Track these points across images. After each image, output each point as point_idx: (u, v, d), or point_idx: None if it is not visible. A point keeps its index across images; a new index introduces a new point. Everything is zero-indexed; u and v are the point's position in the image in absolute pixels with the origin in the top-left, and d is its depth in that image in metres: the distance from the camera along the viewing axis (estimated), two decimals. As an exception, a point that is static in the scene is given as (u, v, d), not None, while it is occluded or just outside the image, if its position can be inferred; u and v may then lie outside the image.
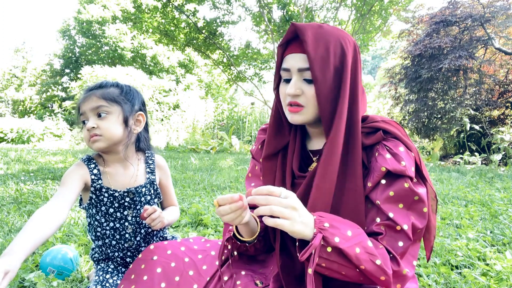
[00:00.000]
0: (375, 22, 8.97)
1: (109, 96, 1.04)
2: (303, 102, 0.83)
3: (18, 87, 16.06)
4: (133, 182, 1.11)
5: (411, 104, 5.60)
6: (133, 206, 1.10)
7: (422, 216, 0.77)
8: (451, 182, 3.18)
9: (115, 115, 1.04)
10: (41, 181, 3.07)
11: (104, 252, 1.15)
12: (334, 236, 0.69)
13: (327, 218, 0.73)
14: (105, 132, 1.02)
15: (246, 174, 3.39)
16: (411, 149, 0.81)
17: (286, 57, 0.85)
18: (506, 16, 5.00)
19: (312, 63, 0.79)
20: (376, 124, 0.84)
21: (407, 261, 0.77)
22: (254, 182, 1.03)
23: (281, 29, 8.53)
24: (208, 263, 0.94)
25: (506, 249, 1.60)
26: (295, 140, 0.93)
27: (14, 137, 8.59)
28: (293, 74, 0.84)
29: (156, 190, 1.17)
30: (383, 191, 0.78)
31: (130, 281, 0.90)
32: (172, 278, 0.88)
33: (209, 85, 15.59)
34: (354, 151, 0.82)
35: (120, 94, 1.07)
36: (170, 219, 1.17)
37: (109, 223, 1.10)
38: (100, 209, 1.09)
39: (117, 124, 1.04)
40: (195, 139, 7.25)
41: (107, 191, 1.07)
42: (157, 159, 1.20)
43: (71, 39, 16.47)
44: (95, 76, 9.04)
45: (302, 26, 0.81)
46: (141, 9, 8.86)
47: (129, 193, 1.09)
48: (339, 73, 0.82)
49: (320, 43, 0.80)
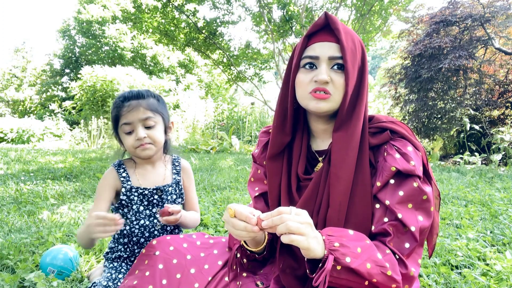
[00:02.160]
0: (375, 22, 8.97)
1: (154, 108, 1.13)
2: (331, 90, 0.82)
3: (18, 87, 16.06)
4: (161, 180, 1.20)
5: (411, 104, 5.59)
6: (161, 204, 1.18)
7: (429, 215, 0.78)
8: (451, 182, 3.18)
9: (160, 124, 1.14)
10: (41, 181, 3.07)
11: (130, 249, 1.18)
12: (345, 257, 0.69)
13: (336, 236, 0.72)
14: (154, 141, 1.13)
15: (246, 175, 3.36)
16: (418, 149, 0.82)
17: (313, 45, 0.85)
18: (506, 16, 5.00)
19: (345, 52, 0.80)
20: (383, 124, 0.85)
21: (413, 259, 0.78)
22: (258, 187, 1.02)
23: (281, 29, 8.53)
24: (210, 262, 0.93)
25: (506, 249, 1.60)
26: (301, 141, 0.93)
27: (14, 137, 8.59)
28: (322, 62, 0.83)
29: (180, 190, 1.23)
30: (393, 191, 0.78)
31: (134, 276, 0.91)
32: (173, 275, 0.88)
33: (209, 85, 15.58)
34: (362, 150, 0.82)
35: (159, 105, 1.15)
36: (187, 221, 1.20)
37: (139, 221, 1.17)
38: (131, 208, 1.16)
39: (162, 133, 1.15)
40: (195, 139, 7.25)
41: (136, 190, 1.16)
42: (183, 162, 1.28)
43: (71, 39, 16.47)
44: (95, 76, 9.04)
45: (334, 16, 0.83)
46: (141, 9, 8.86)
47: (157, 191, 1.17)
48: (362, 68, 0.84)
49: (349, 36, 0.82)
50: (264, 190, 1.01)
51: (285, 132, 0.92)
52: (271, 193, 0.94)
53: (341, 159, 0.81)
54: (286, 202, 0.91)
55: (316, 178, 0.86)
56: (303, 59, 0.85)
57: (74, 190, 2.78)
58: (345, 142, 0.81)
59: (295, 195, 0.90)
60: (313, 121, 0.91)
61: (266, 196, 1.01)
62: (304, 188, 0.89)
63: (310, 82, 0.83)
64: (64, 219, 2.05)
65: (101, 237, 0.90)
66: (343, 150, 0.81)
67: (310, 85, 0.83)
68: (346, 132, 0.82)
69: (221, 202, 2.45)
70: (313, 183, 0.86)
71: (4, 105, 15.53)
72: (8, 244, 1.55)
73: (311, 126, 0.93)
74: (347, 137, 0.81)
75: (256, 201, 1.02)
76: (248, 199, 2.47)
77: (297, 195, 0.90)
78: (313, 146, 0.94)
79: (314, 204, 0.86)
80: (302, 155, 0.92)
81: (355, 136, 0.81)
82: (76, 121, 10.55)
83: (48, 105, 13.99)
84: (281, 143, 0.92)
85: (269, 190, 0.95)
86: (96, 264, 1.47)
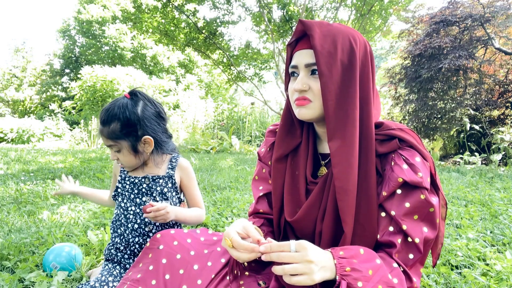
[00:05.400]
0: (375, 22, 8.96)
1: (114, 136, 1.14)
2: (311, 97, 0.83)
3: (18, 87, 16.06)
4: (152, 171, 1.24)
5: (411, 104, 5.59)
6: (149, 193, 1.22)
7: (434, 227, 0.78)
8: (451, 182, 3.18)
9: (124, 148, 1.16)
10: (41, 181, 3.07)
11: (126, 239, 1.21)
12: (357, 282, 0.68)
13: (347, 258, 0.71)
14: (124, 164, 1.20)
15: (247, 175, 3.36)
16: (426, 158, 0.81)
17: (294, 54, 0.86)
18: (506, 16, 5.00)
19: (318, 57, 0.79)
20: (391, 132, 0.82)
21: (416, 270, 0.78)
22: (262, 186, 1.02)
23: (281, 29, 8.53)
24: (213, 259, 0.93)
25: (506, 249, 1.60)
26: (308, 142, 0.92)
27: (14, 137, 8.60)
28: (300, 70, 0.84)
29: (174, 185, 1.25)
30: (399, 202, 0.78)
31: (138, 269, 0.91)
32: (176, 271, 0.88)
33: (209, 85, 15.58)
34: (368, 158, 0.80)
35: (121, 129, 1.14)
36: (185, 218, 1.21)
37: (132, 207, 1.22)
38: (125, 195, 1.24)
39: (130, 155, 1.18)
40: (195, 139, 7.25)
41: (129, 179, 1.24)
42: (181, 160, 1.29)
43: (71, 39, 16.47)
44: (95, 76, 9.04)
45: (310, 22, 0.82)
46: (141, 9, 8.85)
47: (145, 179, 1.22)
48: (347, 70, 0.81)
49: (328, 38, 0.80)
50: (269, 190, 1.00)
51: (295, 135, 0.92)
52: (275, 195, 0.94)
53: (345, 172, 0.79)
54: (290, 204, 0.91)
55: (321, 184, 0.86)
56: (290, 68, 0.88)
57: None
58: (345, 153, 0.79)
59: (302, 197, 0.90)
60: (315, 125, 0.92)
61: (269, 197, 1.01)
62: (310, 192, 0.89)
63: (293, 92, 0.86)
64: (64, 219, 2.05)
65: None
66: (344, 162, 0.79)
67: (294, 94, 0.86)
68: (343, 142, 0.79)
69: (221, 202, 2.45)
70: (318, 188, 0.86)
71: (4, 105, 15.53)
72: (8, 244, 1.55)
73: (316, 128, 0.93)
74: (344, 147, 0.79)
75: (258, 202, 1.01)
76: (249, 199, 2.47)
77: (305, 198, 0.90)
78: (319, 149, 0.94)
79: (318, 210, 0.85)
80: (310, 157, 0.91)
81: (354, 144, 0.79)
82: (76, 121, 10.56)
83: (48, 105, 14.00)
84: (290, 145, 0.93)
85: (273, 191, 0.95)
86: (97, 264, 1.48)
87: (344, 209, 0.79)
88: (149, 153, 1.20)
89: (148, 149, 1.18)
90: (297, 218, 0.88)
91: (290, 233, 0.94)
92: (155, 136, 1.18)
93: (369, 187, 0.80)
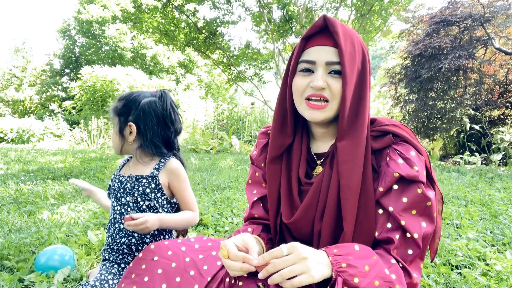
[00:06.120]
0: (375, 22, 8.97)
1: (113, 109, 1.21)
2: (328, 97, 0.81)
3: (18, 87, 16.06)
4: (139, 171, 1.23)
5: (411, 104, 5.59)
6: (131, 193, 1.20)
7: (432, 221, 0.77)
8: (451, 182, 3.18)
9: (115, 127, 1.21)
10: (41, 181, 3.07)
11: (114, 239, 1.21)
12: (354, 277, 0.68)
13: (342, 254, 0.71)
14: (112, 142, 1.25)
15: (246, 175, 3.36)
16: (421, 152, 0.81)
17: (310, 49, 0.83)
18: (506, 16, 5.00)
19: (343, 56, 0.78)
20: (385, 128, 0.83)
21: (416, 265, 0.77)
22: (256, 190, 1.00)
23: (281, 29, 8.53)
24: (209, 263, 0.92)
25: (506, 249, 1.60)
26: (301, 143, 0.91)
27: (14, 137, 8.60)
28: (318, 67, 0.81)
29: (158, 185, 1.20)
30: (396, 197, 0.77)
31: (131, 281, 0.90)
32: (173, 279, 0.87)
33: (209, 85, 15.59)
34: (366, 156, 0.81)
35: (121, 108, 1.20)
36: (170, 223, 1.17)
37: (118, 206, 1.22)
38: (113, 194, 1.24)
39: (116, 135, 1.22)
40: (195, 139, 7.25)
41: (118, 178, 1.24)
42: (170, 161, 1.23)
43: (71, 39, 16.48)
44: (95, 76, 9.04)
45: (333, 19, 0.80)
46: (141, 9, 8.86)
47: (129, 179, 1.21)
48: (362, 71, 0.82)
49: (348, 39, 0.80)
50: (263, 194, 0.99)
51: (286, 134, 0.90)
52: (271, 197, 0.93)
53: (351, 169, 0.79)
54: (286, 206, 0.90)
55: (317, 183, 0.85)
56: (300, 63, 0.84)
57: (74, 190, 2.78)
58: (352, 152, 0.79)
59: (296, 199, 0.89)
60: (312, 125, 0.90)
61: (264, 200, 0.99)
62: (305, 193, 0.88)
63: (306, 88, 0.83)
64: (64, 219, 2.05)
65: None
66: (351, 161, 0.79)
67: (306, 91, 0.83)
68: (352, 142, 0.80)
69: (221, 202, 2.45)
70: (314, 188, 0.85)
71: (4, 105, 15.53)
72: (8, 244, 1.55)
73: (311, 128, 0.92)
74: (353, 146, 0.79)
75: (253, 207, 1.00)
76: (248, 199, 2.47)
77: (299, 199, 0.89)
78: (313, 149, 0.93)
79: (315, 210, 0.85)
80: (303, 158, 0.90)
81: (361, 144, 0.80)
82: (76, 121, 10.56)
83: (48, 105, 14.00)
84: (282, 145, 0.91)
85: (269, 193, 0.93)
86: (96, 264, 1.48)
87: (347, 207, 0.79)
88: (133, 143, 1.20)
89: (130, 138, 1.20)
90: (294, 220, 0.87)
91: (287, 234, 0.93)
92: (144, 131, 1.18)
93: (367, 184, 0.80)
